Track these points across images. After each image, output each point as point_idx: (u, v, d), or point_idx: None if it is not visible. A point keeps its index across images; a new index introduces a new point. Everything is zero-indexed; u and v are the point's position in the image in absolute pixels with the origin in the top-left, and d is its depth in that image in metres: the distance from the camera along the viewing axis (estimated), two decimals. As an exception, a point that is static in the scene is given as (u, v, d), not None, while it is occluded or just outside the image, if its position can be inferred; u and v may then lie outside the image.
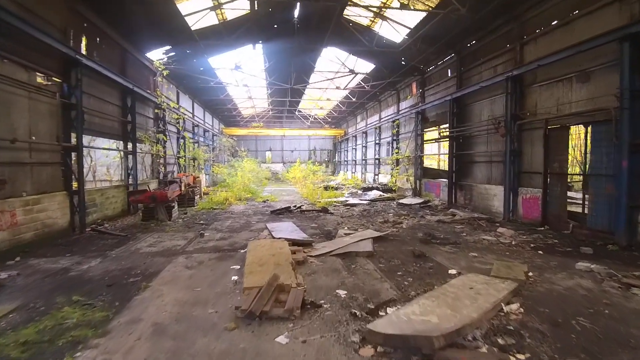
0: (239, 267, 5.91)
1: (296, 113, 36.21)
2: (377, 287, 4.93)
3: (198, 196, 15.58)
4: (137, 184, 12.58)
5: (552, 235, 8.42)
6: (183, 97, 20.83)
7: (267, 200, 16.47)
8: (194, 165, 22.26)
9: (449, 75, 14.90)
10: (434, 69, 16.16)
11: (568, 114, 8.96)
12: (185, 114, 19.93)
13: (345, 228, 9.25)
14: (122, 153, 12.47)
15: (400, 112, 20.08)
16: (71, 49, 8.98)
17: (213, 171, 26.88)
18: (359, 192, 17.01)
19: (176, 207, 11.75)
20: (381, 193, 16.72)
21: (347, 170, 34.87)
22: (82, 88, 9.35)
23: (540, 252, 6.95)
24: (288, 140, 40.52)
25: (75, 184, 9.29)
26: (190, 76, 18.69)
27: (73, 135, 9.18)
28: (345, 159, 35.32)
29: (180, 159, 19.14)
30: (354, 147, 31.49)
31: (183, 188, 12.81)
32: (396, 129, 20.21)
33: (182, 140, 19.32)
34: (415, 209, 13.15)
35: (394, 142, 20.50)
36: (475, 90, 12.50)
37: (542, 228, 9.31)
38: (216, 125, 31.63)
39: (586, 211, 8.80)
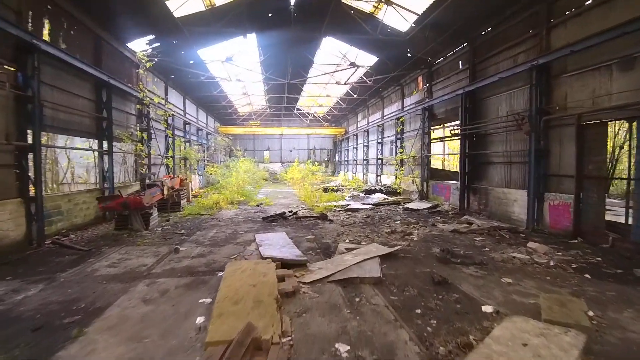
0: (210, 300, 4.59)
1: (295, 111, 34.88)
2: (391, 338, 3.60)
3: (185, 200, 14.27)
4: (114, 188, 11.26)
5: (591, 251, 7.10)
6: (173, 93, 19.51)
7: (261, 204, 15.16)
8: (185, 166, 20.95)
9: (460, 67, 13.56)
10: (443, 61, 14.82)
11: (607, 107, 7.62)
12: (174, 111, 18.61)
13: (347, 240, 7.93)
14: (96, 153, 11.16)
15: (404, 109, 18.74)
16: (27, 33, 7.67)
17: (208, 172, 25.58)
18: (361, 195, 15.69)
19: (156, 213, 10.44)
20: (385, 196, 15.40)
21: (347, 170, 33.54)
22: (40, 78, 8.03)
23: (587, 275, 5.63)
24: (287, 139, 39.19)
25: (32, 190, 7.98)
26: (180, 70, 17.37)
27: (33, 132, 7.88)
28: (346, 159, 34.00)
29: (169, 160, 17.83)
30: (354, 146, 30.16)
31: (166, 192, 11.51)
32: (400, 127, 18.87)
33: (171, 139, 17.99)
34: (424, 215, 11.82)
35: (398, 141, 19.17)
36: (491, 83, 11.17)
37: (575, 240, 7.98)
38: (211, 124, 30.32)
39: (630, 221, 7.49)
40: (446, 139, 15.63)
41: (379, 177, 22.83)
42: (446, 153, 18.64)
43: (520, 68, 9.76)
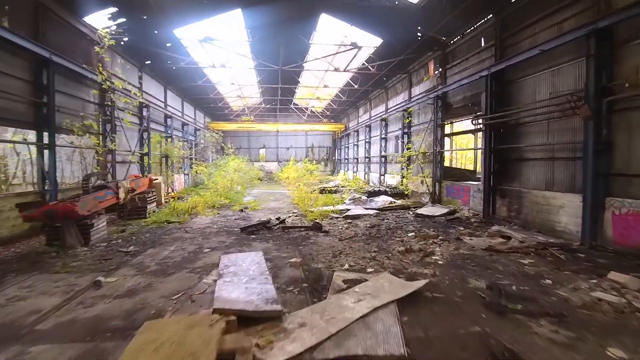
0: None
1: (291, 106, 32.65)
2: None
3: (155, 204, 12.05)
4: (57, 191, 9.05)
5: (700, 284, 4.86)
6: (151, 82, 17.28)
7: (246, 208, 12.94)
8: (166, 164, 18.74)
9: (483, 45, 11.33)
10: (461, 39, 12.57)
11: None
12: (151, 102, 16.39)
13: (346, 265, 5.71)
14: (33, 147, 8.95)
15: (412, 99, 16.50)
16: None
17: (195, 171, 23.35)
18: (363, 197, 13.47)
19: (103, 224, 8.21)
20: (391, 199, 13.17)
21: (347, 169, 31.30)
22: None
23: None
24: (283, 136, 36.95)
25: None
26: (156, 55, 15.15)
27: None
28: (346, 157, 31.75)
29: (141, 157, 15.62)
30: (355, 143, 27.91)
31: (122, 195, 9.28)
32: (408, 119, 16.63)
33: (147, 134, 15.76)
34: (442, 224, 9.60)
35: (405, 136, 16.93)
36: (526, 61, 8.94)
37: (661, 264, 5.77)
38: (200, 119, 28.08)
39: None
40: (464, 132, 13.40)
41: (382, 177, 20.60)
42: (462, 149, 16.44)
43: (571, 36, 7.52)
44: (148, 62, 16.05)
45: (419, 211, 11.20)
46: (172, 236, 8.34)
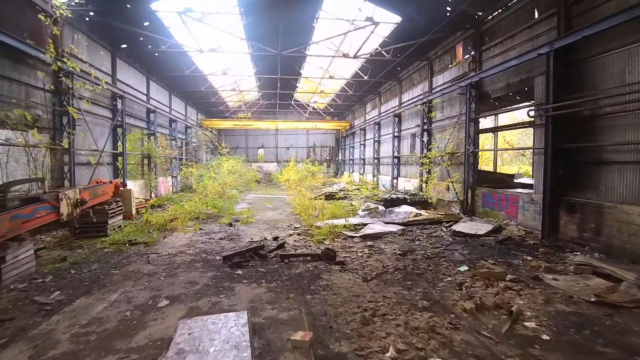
0: None
1: (291, 102, 30.26)
2: None
3: (122, 217, 9.63)
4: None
5: None
6: (128, 70, 14.88)
7: (237, 221, 10.54)
8: (148, 166, 16.34)
9: (537, 16, 8.94)
10: (503, 12, 10.17)
11: None
12: (128, 93, 13.98)
13: (391, 351, 3.29)
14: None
15: (434, 91, 14.11)
16: None
17: (184, 173, 20.93)
18: (381, 207, 11.05)
19: (28, 252, 5.81)
20: (415, 210, 10.75)
21: (352, 170, 28.91)
22: None
23: None
24: (283, 135, 34.53)
25: None
26: (131, 35, 12.76)
27: None
28: (351, 158, 29.32)
29: (117, 157, 13.23)
30: (362, 142, 25.52)
31: (65, 210, 6.87)
32: (433, 113, 14.22)
33: (122, 130, 13.36)
34: (495, 249, 7.20)
35: (425, 134, 14.54)
36: (612, 29, 6.55)
37: None
38: (193, 116, 25.68)
39: None
40: (507, 127, 10.99)
41: (395, 181, 18.20)
42: (508, 148, 14.09)
43: None
44: (124, 45, 13.64)
45: (456, 227, 8.79)
46: (126, 270, 5.93)
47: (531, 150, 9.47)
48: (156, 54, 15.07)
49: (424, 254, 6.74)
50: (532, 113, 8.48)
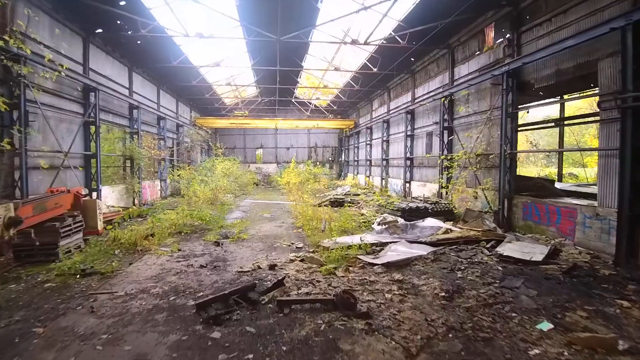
0: None
1: (292, 99, 28.41)
2: None
3: (81, 235, 7.77)
4: None
5: None
6: (105, 59, 13.02)
7: (227, 237, 8.70)
8: (131, 169, 14.48)
9: (603, -18, 7.09)
10: (552, -17, 8.33)
11: None
12: (105, 86, 12.14)
13: None
14: None
15: (457, 82, 12.26)
16: None
17: (172, 175, 19.04)
18: (400, 220, 9.16)
19: None
20: (443, 224, 8.86)
21: (357, 172, 27.06)
22: None
23: None
24: (283, 135, 32.66)
25: None
26: (106, 17, 10.88)
27: None
28: (356, 159, 27.45)
29: (89, 160, 11.39)
30: (368, 142, 23.68)
31: (-16, 234, 5.05)
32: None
33: (95, 128, 11.51)
34: (568, 286, 5.33)
35: (445, 132, 12.69)
36: None
37: None
38: (185, 114, 23.84)
39: None
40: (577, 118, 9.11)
41: (407, 185, 16.35)
42: (575, 149, 12.25)
43: None
44: (99, 30, 11.78)
45: (502, 250, 6.93)
46: (56, 326, 4.09)
47: (596, 152, 7.60)
48: (138, 42, 13.25)
49: (477, 296, 4.88)
50: (609, 104, 6.61)
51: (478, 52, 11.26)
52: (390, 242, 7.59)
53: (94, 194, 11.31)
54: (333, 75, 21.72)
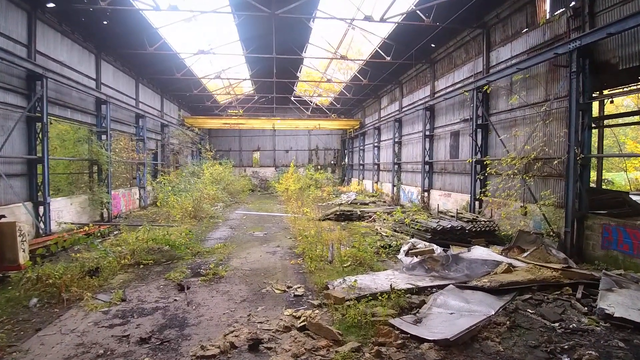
0: None
1: (291, 97, 26.07)
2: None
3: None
4: None
5: None
6: (63, 41, 10.65)
7: (198, 272, 6.31)
8: (99, 176, 12.08)
9: None
10: None
11: None
12: (59, 74, 9.77)
13: None
14: None
15: (492, 71, 9.92)
16: None
17: (149, 183, 16.59)
18: (438, 250, 6.74)
19: None
20: (496, 256, 6.45)
21: (362, 177, 24.66)
22: None
23: None
24: (281, 136, 30.28)
25: None
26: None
27: None
28: (361, 162, 25.04)
29: (34, 165, 8.99)
30: (375, 144, 21.29)
31: None
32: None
33: (42, 125, 9.12)
34: None
35: (479, 132, 10.34)
36: None
37: None
38: (172, 112, 21.48)
39: None
40: None
41: (425, 194, 13.95)
42: None
43: None
44: (50, 4, 9.43)
45: (609, 307, 4.53)
46: None
47: None
48: (105, 22, 10.96)
49: None
50: None
51: (526, 30, 8.91)
52: (432, 287, 5.21)
53: (40, 209, 8.95)
54: (336, 73, 19.43)
